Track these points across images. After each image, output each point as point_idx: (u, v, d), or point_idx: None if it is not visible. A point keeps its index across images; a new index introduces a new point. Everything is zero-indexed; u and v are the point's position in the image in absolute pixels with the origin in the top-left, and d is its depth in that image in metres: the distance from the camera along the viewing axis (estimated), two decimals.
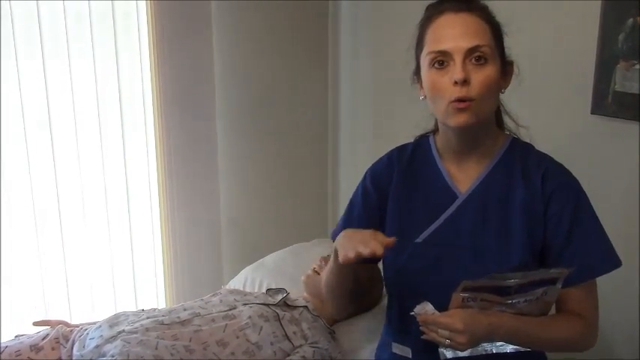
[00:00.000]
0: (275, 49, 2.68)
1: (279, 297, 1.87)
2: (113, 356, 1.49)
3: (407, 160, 1.38)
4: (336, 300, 1.51)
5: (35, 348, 1.61)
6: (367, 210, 1.41)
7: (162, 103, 2.48)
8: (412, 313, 1.17)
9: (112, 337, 1.56)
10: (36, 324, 1.86)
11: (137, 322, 1.65)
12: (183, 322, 1.66)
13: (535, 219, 1.23)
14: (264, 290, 2.14)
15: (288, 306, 1.84)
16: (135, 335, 1.56)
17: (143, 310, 1.81)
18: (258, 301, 1.80)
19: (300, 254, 2.32)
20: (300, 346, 1.70)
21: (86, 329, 1.69)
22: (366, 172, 1.45)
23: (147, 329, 1.60)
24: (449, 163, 1.33)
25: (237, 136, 2.71)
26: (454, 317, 1.10)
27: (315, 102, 2.86)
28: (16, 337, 1.77)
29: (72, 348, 1.63)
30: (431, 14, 1.22)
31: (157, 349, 1.53)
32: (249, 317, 1.70)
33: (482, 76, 1.15)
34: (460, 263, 1.25)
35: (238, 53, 2.62)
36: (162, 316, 1.68)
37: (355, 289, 1.44)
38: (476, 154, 1.29)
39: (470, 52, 1.15)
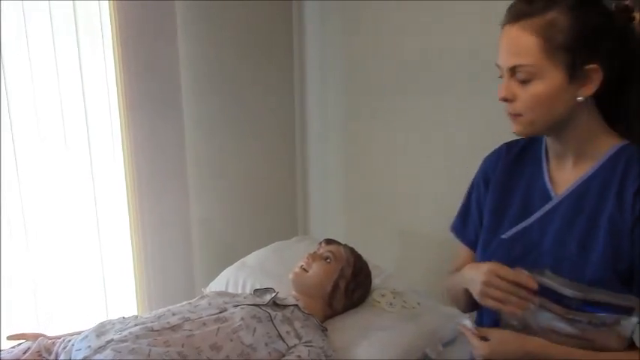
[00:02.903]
0: (240, 47, 2.64)
1: (268, 297, 1.83)
2: None
3: (515, 155, 1.36)
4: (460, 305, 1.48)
5: None
6: (478, 201, 1.42)
7: (128, 104, 2.38)
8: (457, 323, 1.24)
9: (100, 347, 1.48)
10: (10, 338, 1.76)
11: (125, 329, 1.57)
12: (174, 328, 1.60)
13: (622, 235, 1.13)
14: (248, 291, 2.10)
15: (278, 305, 1.80)
16: (125, 344, 1.49)
17: (124, 317, 1.74)
18: (248, 302, 1.75)
19: (282, 251, 2.28)
20: (295, 345, 1.66)
21: (69, 340, 1.60)
22: (480, 164, 1.45)
23: (137, 337, 1.53)
24: (552, 164, 1.29)
25: (205, 135, 2.65)
26: (483, 345, 1.19)
27: (282, 100, 2.84)
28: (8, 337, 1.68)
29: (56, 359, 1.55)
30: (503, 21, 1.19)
31: (149, 356, 1.46)
32: (242, 319, 1.65)
33: (526, 94, 1.14)
34: (537, 267, 1.20)
35: (203, 53, 2.57)
36: (151, 322, 1.61)
37: None
38: (574, 158, 1.23)
39: (512, 71, 1.15)
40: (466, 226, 1.48)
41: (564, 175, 1.26)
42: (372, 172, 2.55)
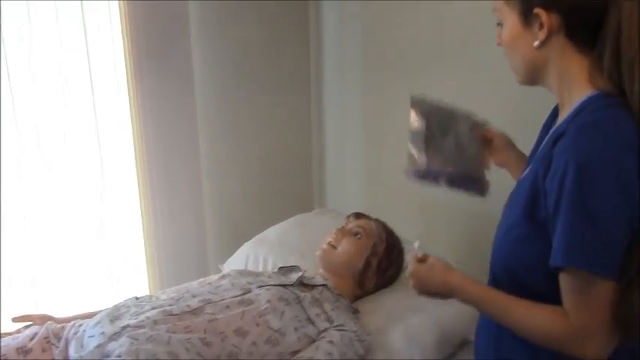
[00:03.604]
0: (255, 6, 2.45)
1: (294, 276, 1.68)
2: (120, 356, 1.28)
3: None
4: None
5: (23, 351, 1.38)
6: None
7: (136, 68, 2.22)
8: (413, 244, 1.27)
9: (115, 334, 1.34)
10: (15, 320, 1.62)
11: (141, 313, 1.43)
12: (195, 311, 1.45)
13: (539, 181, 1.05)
14: (270, 268, 1.95)
15: (305, 285, 1.65)
16: (142, 330, 1.34)
17: (137, 297, 1.60)
18: (273, 282, 1.61)
19: (303, 225, 2.13)
20: (326, 329, 1.52)
21: (80, 324, 1.46)
22: None
23: (155, 322, 1.38)
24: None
25: (217, 106, 2.49)
26: (412, 274, 1.23)
27: (298, 69, 2.65)
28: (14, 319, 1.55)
29: (66, 348, 1.41)
30: None
31: (169, 344, 1.32)
32: (268, 301, 1.50)
33: (501, 40, 1.14)
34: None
35: (214, 9, 2.39)
36: (170, 305, 1.47)
37: None
38: (561, 110, 1.13)
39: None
40: None
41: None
42: (392, 142, 2.38)
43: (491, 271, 1.18)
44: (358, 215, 1.83)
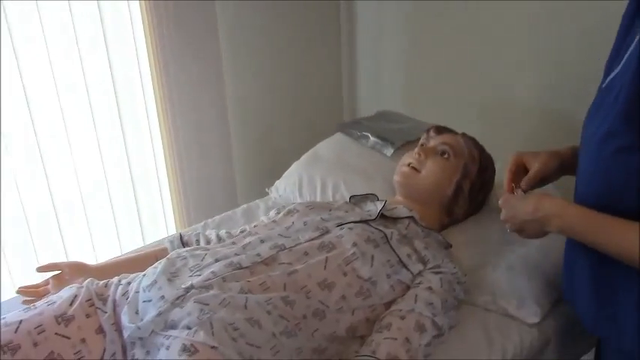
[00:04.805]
0: None
1: (373, 208, 1.41)
2: (189, 328, 1.02)
3: None
4: None
5: (63, 319, 1.11)
6: None
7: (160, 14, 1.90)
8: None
9: (178, 299, 1.07)
10: (41, 269, 1.36)
11: (204, 268, 1.16)
12: (267, 261, 1.18)
13: None
14: (331, 194, 1.67)
15: (386, 218, 1.38)
16: (212, 292, 1.07)
17: (187, 249, 1.30)
18: (353, 219, 1.33)
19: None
20: (420, 273, 1.26)
21: (129, 283, 1.19)
22: None
23: (224, 279, 1.11)
24: None
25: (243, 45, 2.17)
26: (503, 203, 1.13)
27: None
28: (24, 302, 1.28)
29: (114, 312, 1.15)
30: None
31: (246, 308, 1.06)
32: (354, 244, 1.23)
33: None
34: None
35: None
36: (235, 254, 1.19)
37: None
38: None
39: None
40: None
41: None
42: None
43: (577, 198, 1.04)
44: (440, 129, 1.52)
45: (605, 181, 0.96)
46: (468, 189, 1.44)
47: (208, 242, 1.44)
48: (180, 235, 1.47)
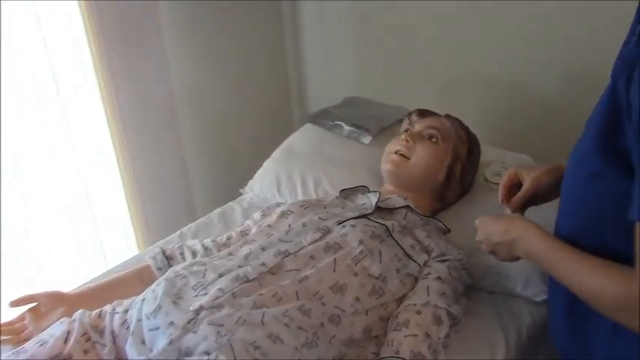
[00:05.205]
0: None
1: (367, 201, 1.36)
2: (209, 353, 0.94)
3: None
4: None
5: (59, 359, 1.02)
6: None
7: None
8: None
9: (189, 322, 0.99)
10: (15, 304, 1.24)
11: (207, 284, 1.08)
12: (274, 270, 1.11)
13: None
14: (313, 190, 1.61)
15: (382, 210, 1.33)
16: (224, 312, 1.00)
17: (172, 267, 1.21)
18: (352, 214, 1.28)
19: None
20: (426, 263, 1.22)
21: (127, 310, 1.10)
22: None
23: (233, 295, 1.04)
24: None
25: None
26: (479, 222, 1.07)
27: None
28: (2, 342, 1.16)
29: (114, 344, 1.05)
30: None
31: (264, 324, 0.99)
32: (361, 242, 1.18)
33: None
34: None
35: None
36: (239, 266, 1.12)
37: None
38: None
39: None
40: None
41: None
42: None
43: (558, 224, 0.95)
44: (423, 112, 1.48)
45: (580, 208, 0.87)
46: (460, 171, 1.41)
47: (195, 254, 1.35)
48: (162, 250, 1.37)
